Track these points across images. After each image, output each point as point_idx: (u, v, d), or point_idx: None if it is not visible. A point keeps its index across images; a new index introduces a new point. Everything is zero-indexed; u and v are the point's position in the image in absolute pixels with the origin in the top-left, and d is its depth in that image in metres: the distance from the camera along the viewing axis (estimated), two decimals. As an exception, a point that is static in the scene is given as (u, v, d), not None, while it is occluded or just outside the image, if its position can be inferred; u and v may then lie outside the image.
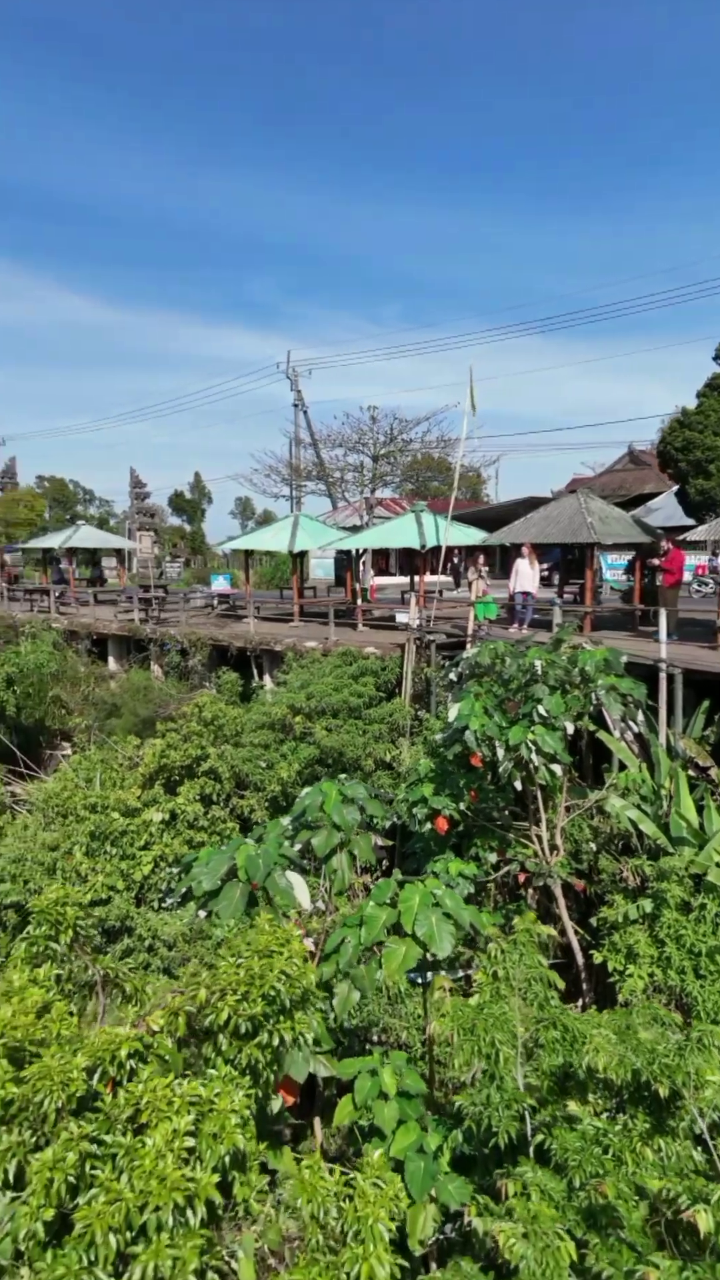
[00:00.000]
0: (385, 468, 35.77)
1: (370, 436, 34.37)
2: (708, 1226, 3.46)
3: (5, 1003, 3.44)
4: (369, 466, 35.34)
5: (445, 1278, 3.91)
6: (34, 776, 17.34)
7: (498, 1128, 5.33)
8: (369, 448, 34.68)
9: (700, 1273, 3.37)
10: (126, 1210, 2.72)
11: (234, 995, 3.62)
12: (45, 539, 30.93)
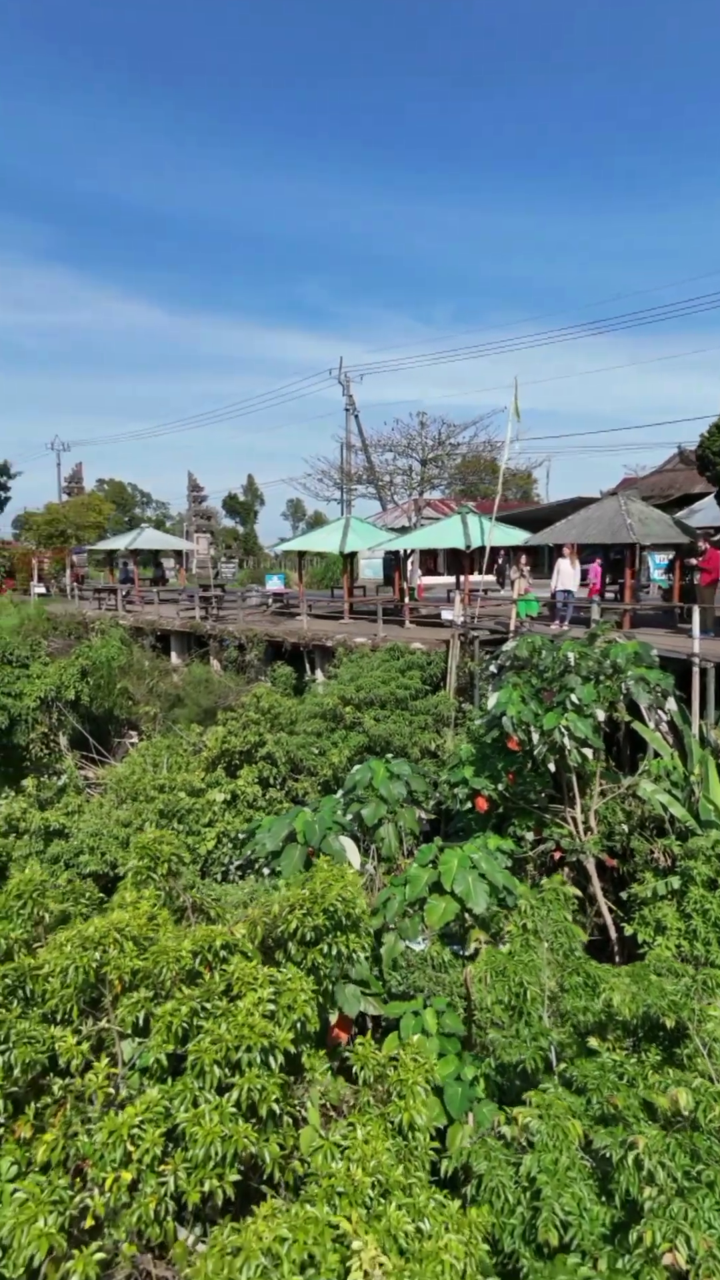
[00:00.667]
0: (433, 471, 36.54)
1: (419, 441, 35.18)
2: (688, 1103, 4.19)
3: (123, 909, 4.39)
4: (417, 470, 36.13)
5: (473, 1149, 4.69)
6: (104, 761, 18.65)
7: (524, 1058, 6.10)
8: (418, 452, 35.48)
9: (680, 1139, 4.10)
10: (226, 1048, 3.61)
11: (300, 910, 4.50)
12: (112, 541, 32.60)
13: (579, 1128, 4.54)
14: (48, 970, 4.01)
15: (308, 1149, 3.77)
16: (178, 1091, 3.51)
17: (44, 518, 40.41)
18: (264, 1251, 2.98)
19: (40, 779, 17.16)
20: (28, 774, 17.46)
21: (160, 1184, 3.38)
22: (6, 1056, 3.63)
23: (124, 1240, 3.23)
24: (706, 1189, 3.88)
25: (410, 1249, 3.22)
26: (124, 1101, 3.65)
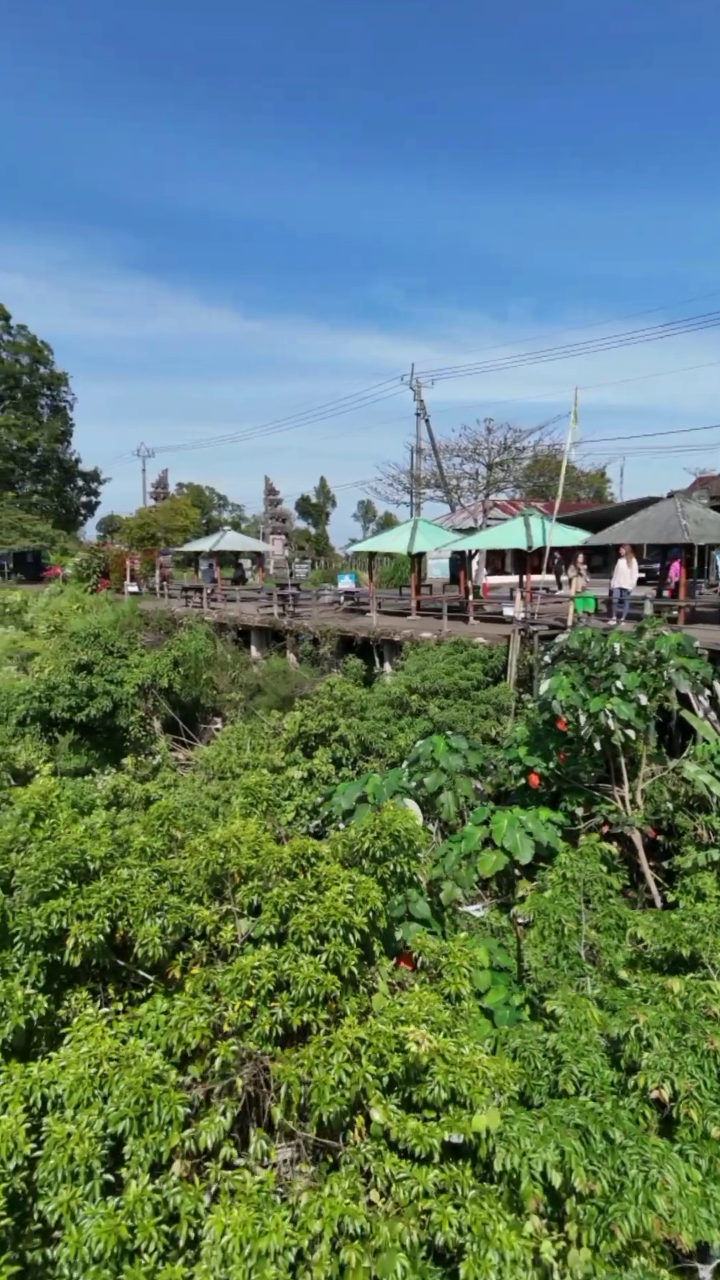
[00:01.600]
0: (499, 474, 37.25)
1: (485, 446, 36.00)
2: (681, 990, 5.21)
3: (237, 824, 5.70)
4: (483, 474, 36.93)
5: (510, 1031, 5.80)
6: (193, 744, 20.37)
7: (561, 982, 7.15)
8: (484, 456, 36.32)
9: (672, 1016, 5.12)
10: (317, 923, 4.85)
11: (372, 834, 5.71)
12: (198, 543, 34.69)
13: (597, 1015, 5.60)
14: (185, 866, 5.35)
15: (378, 1008, 4.98)
16: (283, 952, 4.77)
17: (136, 521, 43.19)
18: (348, 1046, 4.20)
19: (139, 758, 18.97)
20: (128, 753, 19.32)
21: (271, 1013, 4.64)
22: (161, 920, 4.96)
23: (249, 1044, 4.50)
24: (690, 1050, 4.90)
25: (453, 1060, 4.39)
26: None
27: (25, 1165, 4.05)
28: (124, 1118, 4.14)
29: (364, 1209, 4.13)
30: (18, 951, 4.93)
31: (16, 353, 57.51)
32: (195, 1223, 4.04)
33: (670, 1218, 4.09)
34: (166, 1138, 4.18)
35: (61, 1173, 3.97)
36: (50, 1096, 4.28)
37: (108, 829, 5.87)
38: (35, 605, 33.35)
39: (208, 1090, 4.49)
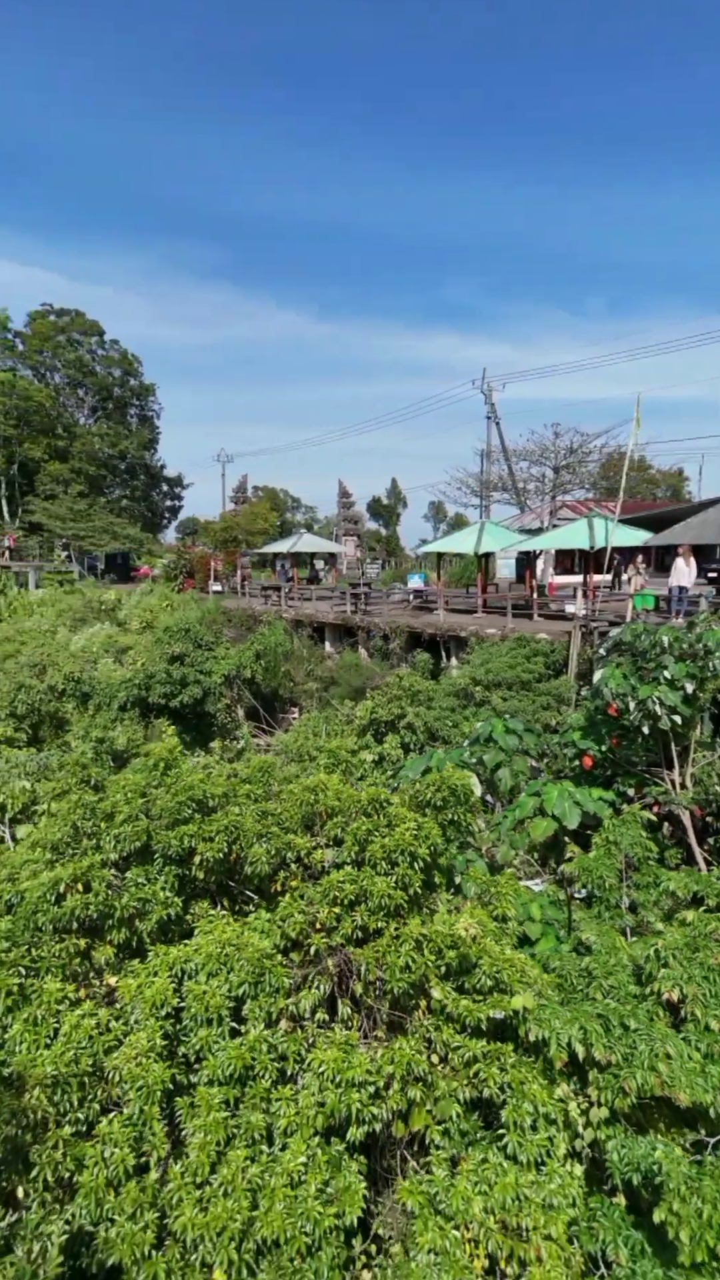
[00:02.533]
0: (566, 477, 37.68)
1: (551, 450, 36.52)
2: (694, 919, 6.16)
3: (323, 776, 6.96)
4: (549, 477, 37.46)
5: (550, 954, 6.83)
6: (272, 730, 21.89)
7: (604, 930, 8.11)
8: (550, 460, 36.84)
9: (687, 939, 6.09)
10: (388, 850, 6.04)
11: (433, 787, 6.87)
12: (275, 545, 36.56)
13: (624, 943, 6.59)
14: (282, 807, 6.65)
15: (438, 922, 6.13)
16: (361, 873, 5.98)
17: (219, 525, 45.56)
18: (413, 940, 5.40)
19: (225, 742, 20.62)
20: (215, 738, 20.99)
21: (352, 919, 5.86)
22: (266, 844, 6.26)
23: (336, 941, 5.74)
24: (698, 965, 5.86)
25: (496, 957, 5.51)
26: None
27: (173, 1014, 5.39)
28: (243, 984, 5.43)
29: (426, 1062, 5.30)
30: (157, 865, 6.31)
31: (110, 366, 61.01)
32: (298, 1062, 5.30)
33: (670, 1081, 5.10)
34: (274, 1001, 5.46)
35: (200, 1019, 5.29)
36: (188, 969, 5.61)
37: (221, 776, 7.23)
38: (128, 603, 35.78)
39: (305, 972, 5.75)
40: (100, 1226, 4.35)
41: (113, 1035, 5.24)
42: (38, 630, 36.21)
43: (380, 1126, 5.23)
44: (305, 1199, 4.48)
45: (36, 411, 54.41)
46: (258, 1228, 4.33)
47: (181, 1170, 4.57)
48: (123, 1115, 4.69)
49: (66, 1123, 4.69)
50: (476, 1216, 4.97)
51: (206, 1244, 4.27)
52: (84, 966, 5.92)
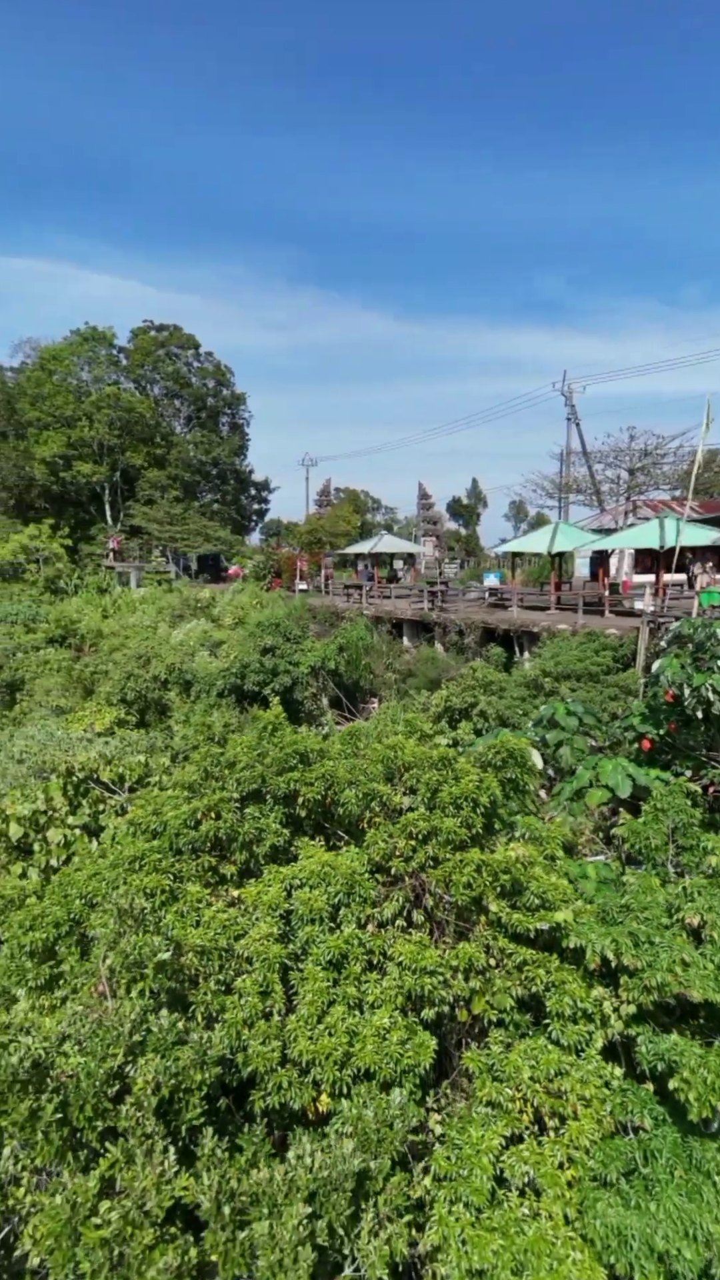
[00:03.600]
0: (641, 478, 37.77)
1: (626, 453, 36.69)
2: (716, 862, 7.16)
3: (400, 739, 8.30)
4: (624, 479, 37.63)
5: (597, 890, 7.92)
6: (354, 719, 23.38)
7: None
8: (625, 462, 37.01)
9: (713, 880, 7.09)
10: (455, 797, 7.31)
11: (493, 749, 8.09)
12: (357, 546, 38.23)
13: (659, 883, 7.62)
14: (366, 762, 8.03)
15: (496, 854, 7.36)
16: (433, 814, 7.27)
17: (305, 528, 47.71)
18: (474, 864, 6.66)
19: (310, 728, 22.27)
20: (302, 723, 22.68)
21: (425, 851, 7.15)
22: (355, 790, 7.64)
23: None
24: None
25: (543, 881, 6.70)
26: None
27: (284, 915, 6.83)
28: (339, 894, 6.82)
29: (485, 960, 6.56)
30: (269, 804, 7.79)
31: (204, 377, 64.27)
32: (382, 955, 6.65)
33: (686, 982, 6.18)
34: (363, 909, 6.83)
35: (305, 918, 6.71)
36: (295, 882, 7.05)
37: (318, 738, 8.67)
38: (221, 601, 38.13)
39: (387, 890, 7.10)
40: (238, 1055, 5.81)
41: (240, 927, 6.73)
42: (140, 625, 39.04)
43: (447, 1009, 6.52)
44: (390, 1044, 5.83)
45: (138, 422, 57.99)
46: (354, 1059, 5.70)
47: (296, 1019, 6.00)
48: (252, 977, 6.16)
49: (212, 979, 6.19)
50: (525, 1080, 6.21)
51: (317, 1068, 5.67)
52: (214, 879, 7.47)
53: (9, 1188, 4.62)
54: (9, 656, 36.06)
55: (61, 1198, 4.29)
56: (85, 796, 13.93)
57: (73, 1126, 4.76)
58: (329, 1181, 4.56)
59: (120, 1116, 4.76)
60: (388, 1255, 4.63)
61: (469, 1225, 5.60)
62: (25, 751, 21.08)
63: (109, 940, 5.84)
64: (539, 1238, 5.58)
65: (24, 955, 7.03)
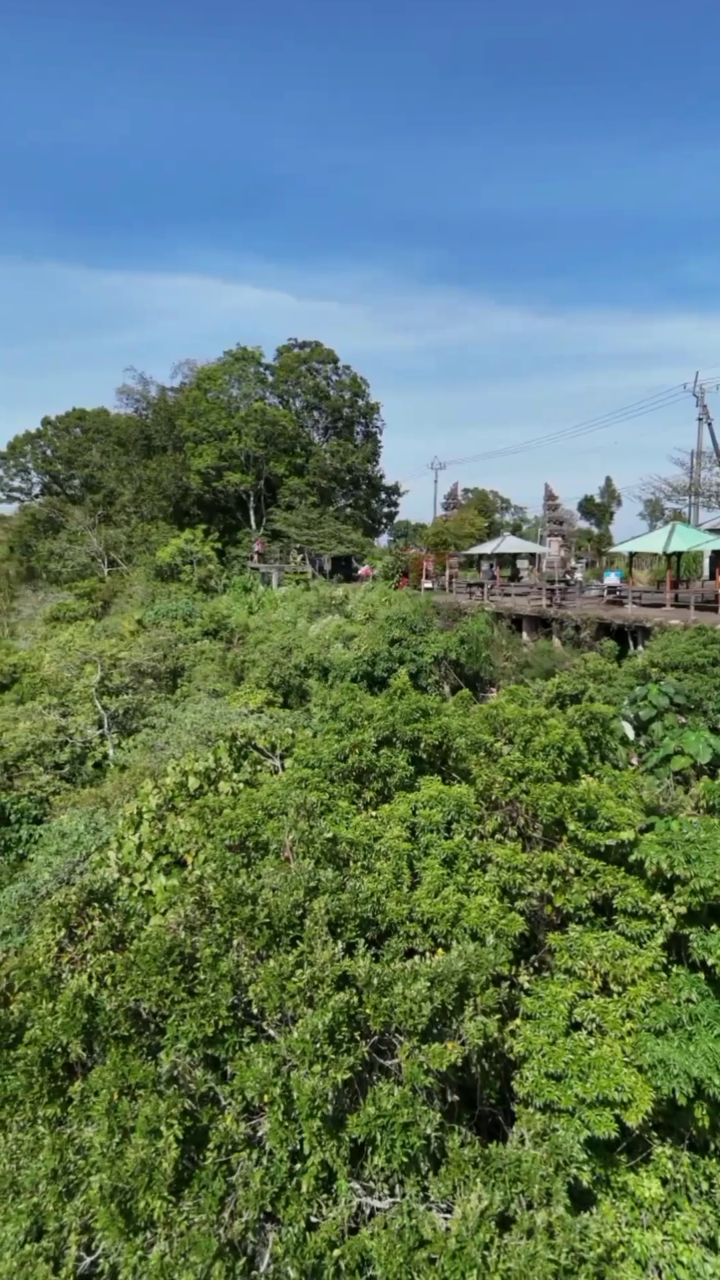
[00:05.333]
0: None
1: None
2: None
3: (504, 701, 10.27)
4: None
5: (667, 829, 9.52)
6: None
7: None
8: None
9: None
10: (546, 746, 9.21)
11: (580, 710, 9.88)
12: (480, 547, 39.90)
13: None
14: (475, 718, 10.08)
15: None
16: (526, 759, 9.20)
17: (432, 530, 49.92)
18: (556, 792, 8.57)
19: (434, 709, 24.45)
20: (425, 706, 24.92)
21: (520, 786, 9.10)
22: (464, 738, 9.72)
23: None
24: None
25: (612, 809, 8.50)
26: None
27: (410, 827, 9.02)
28: (451, 811, 8.93)
29: (565, 864, 8.46)
30: (397, 747, 10.03)
31: (341, 389, 67.89)
32: (485, 859, 8.70)
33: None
34: (470, 824, 8.91)
35: (425, 827, 8.87)
36: (418, 803, 9.23)
37: (437, 699, 10.82)
38: (353, 599, 41.05)
39: (490, 812, 9.13)
40: (378, 915, 8.05)
41: (377, 831, 9.00)
42: (282, 621, 42.70)
43: (535, 902, 8.48)
44: (489, 914, 7.88)
45: (281, 434, 62.38)
46: (462, 920, 7.81)
47: (420, 892, 8.18)
48: (387, 862, 8.40)
49: (358, 864, 8.50)
50: (594, 956, 8.07)
51: (434, 924, 7.83)
52: (357, 800, 9.80)
53: (242, 964, 7.11)
54: (171, 647, 40.75)
55: (273, 963, 6.72)
56: (245, 759, 16.92)
57: (275, 930, 7.19)
58: (442, 975, 6.72)
59: (304, 930, 7.15)
60: (481, 1030, 6.72)
61: (547, 1044, 7.57)
62: (194, 723, 24.69)
63: (290, 824, 8.29)
64: (600, 1058, 7.45)
65: (223, 847, 9.68)
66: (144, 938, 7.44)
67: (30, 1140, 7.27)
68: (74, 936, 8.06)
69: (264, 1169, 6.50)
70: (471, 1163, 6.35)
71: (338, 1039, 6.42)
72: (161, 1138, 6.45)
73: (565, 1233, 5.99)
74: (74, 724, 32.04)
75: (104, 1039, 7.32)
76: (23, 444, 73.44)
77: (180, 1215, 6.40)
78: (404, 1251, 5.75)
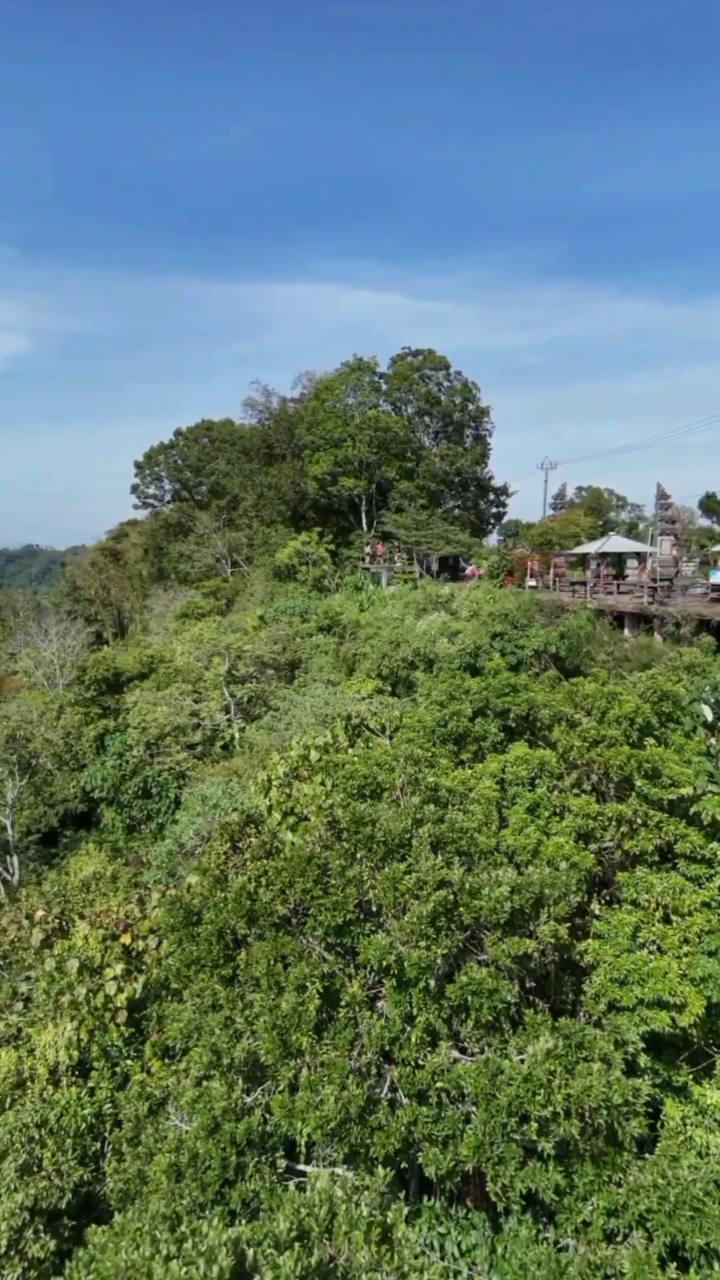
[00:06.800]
0: None
1: None
2: None
3: (583, 681, 11.82)
4: None
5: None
6: (574, 696, 26.37)
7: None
8: None
9: None
10: (617, 715, 10.71)
11: (651, 688, 11.28)
12: (586, 546, 40.44)
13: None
14: (558, 694, 11.69)
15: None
16: (600, 727, 10.74)
17: (537, 531, 50.67)
18: (627, 752, 10.10)
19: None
20: (526, 697, 26.33)
21: (596, 750, 10.66)
22: (548, 710, 11.35)
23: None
24: None
25: (675, 771, 9.94)
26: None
27: (500, 782, 10.80)
28: (535, 769, 10.64)
29: (633, 814, 9.99)
30: (490, 717, 11.80)
31: (453, 395, 69.41)
32: (562, 808, 10.36)
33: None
34: (550, 780, 10.58)
35: (514, 782, 10.62)
36: (507, 762, 10.98)
37: (526, 677, 12.50)
38: (459, 597, 42.66)
39: (569, 770, 10.76)
40: (471, 847, 9.89)
41: (471, 784, 10.84)
42: (390, 617, 44.92)
43: (608, 845, 10.05)
44: (565, 849, 9.56)
45: (393, 440, 64.68)
46: (542, 852, 9.53)
47: (506, 831, 9.97)
48: (480, 805, 10.23)
49: (456, 808, 10.38)
50: (657, 891, 9.57)
51: (518, 855, 9.60)
52: (455, 760, 11.67)
53: (363, 873, 9.18)
54: (289, 641, 43.86)
55: (388, 870, 8.75)
56: (359, 736, 19.14)
57: (389, 847, 9.21)
58: (521, 885, 8.50)
59: (412, 848, 9.13)
60: (553, 931, 8.46)
61: (613, 956, 9.18)
62: (313, 707, 27.27)
63: (400, 770, 10.30)
64: (659, 968, 8.97)
65: (350, 791, 11.80)
66: (288, 849, 9.68)
67: (209, 997, 9.67)
68: (236, 848, 10.43)
69: (382, 1022, 8.55)
70: (543, 1025, 8.12)
71: (438, 925, 8.36)
72: (306, 991, 8.64)
73: (620, 1085, 7.66)
74: (205, 709, 35.58)
75: (261, 924, 9.61)
76: (157, 454, 79.80)
77: (321, 1049, 8.55)
78: (488, 1076, 7.61)
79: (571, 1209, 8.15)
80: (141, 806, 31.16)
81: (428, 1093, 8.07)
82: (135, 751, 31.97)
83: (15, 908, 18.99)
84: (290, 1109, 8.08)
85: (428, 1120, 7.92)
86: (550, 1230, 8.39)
